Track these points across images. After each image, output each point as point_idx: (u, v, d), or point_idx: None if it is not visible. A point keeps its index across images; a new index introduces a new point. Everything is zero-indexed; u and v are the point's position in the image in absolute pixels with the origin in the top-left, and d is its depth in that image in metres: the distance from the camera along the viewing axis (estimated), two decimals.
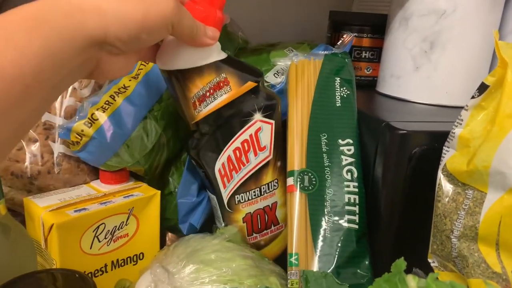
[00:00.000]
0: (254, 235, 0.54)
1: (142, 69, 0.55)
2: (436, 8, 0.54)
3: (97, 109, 0.51)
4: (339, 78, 0.53)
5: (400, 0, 0.58)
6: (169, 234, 0.57)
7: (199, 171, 0.53)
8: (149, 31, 0.34)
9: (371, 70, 0.66)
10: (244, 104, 0.49)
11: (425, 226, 0.42)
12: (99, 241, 0.49)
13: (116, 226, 0.51)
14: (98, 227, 0.49)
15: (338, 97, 0.52)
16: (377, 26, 0.65)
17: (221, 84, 0.46)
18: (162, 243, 0.57)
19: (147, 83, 0.54)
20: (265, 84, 0.57)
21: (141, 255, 0.54)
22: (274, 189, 0.53)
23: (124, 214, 0.51)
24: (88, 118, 0.50)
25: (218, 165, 0.50)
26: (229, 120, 0.49)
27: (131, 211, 0.51)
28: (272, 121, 0.51)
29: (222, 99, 0.47)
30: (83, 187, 0.54)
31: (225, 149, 0.50)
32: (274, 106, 0.51)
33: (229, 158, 0.50)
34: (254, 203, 0.53)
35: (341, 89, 0.52)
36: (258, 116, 0.50)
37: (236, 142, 0.50)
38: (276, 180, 0.53)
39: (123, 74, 0.37)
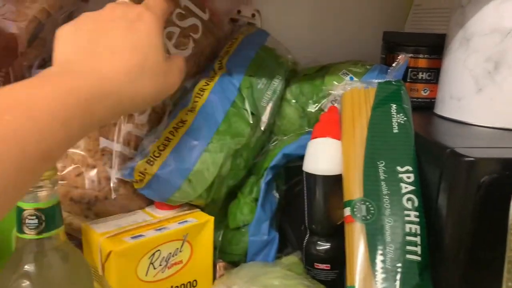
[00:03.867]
0: None
1: (197, 101, 0.54)
2: (500, 28, 0.51)
3: (158, 147, 0.51)
4: (394, 105, 0.51)
5: (459, 20, 0.55)
6: (219, 264, 0.57)
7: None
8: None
9: (428, 92, 0.64)
10: None
11: (497, 261, 0.40)
12: (154, 268, 0.49)
13: (171, 253, 0.50)
14: (154, 254, 0.49)
15: (395, 124, 0.50)
16: (434, 47, 0.62)
17: None
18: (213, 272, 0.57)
19: (203, 115, 0.54)
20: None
21: (194, 282, 0.54)
22: None
23: (179, 241, 0.51)
24: (150, 156, 0.51)
25: None
26: None
27: (185, 238, 0.51)
28: None
29: None
30: (139, 213, 0.54)
31: None
32: None
33: None
34: None
35: (398, 115, 0.50)
36: None
37: None
38: None
39: None
